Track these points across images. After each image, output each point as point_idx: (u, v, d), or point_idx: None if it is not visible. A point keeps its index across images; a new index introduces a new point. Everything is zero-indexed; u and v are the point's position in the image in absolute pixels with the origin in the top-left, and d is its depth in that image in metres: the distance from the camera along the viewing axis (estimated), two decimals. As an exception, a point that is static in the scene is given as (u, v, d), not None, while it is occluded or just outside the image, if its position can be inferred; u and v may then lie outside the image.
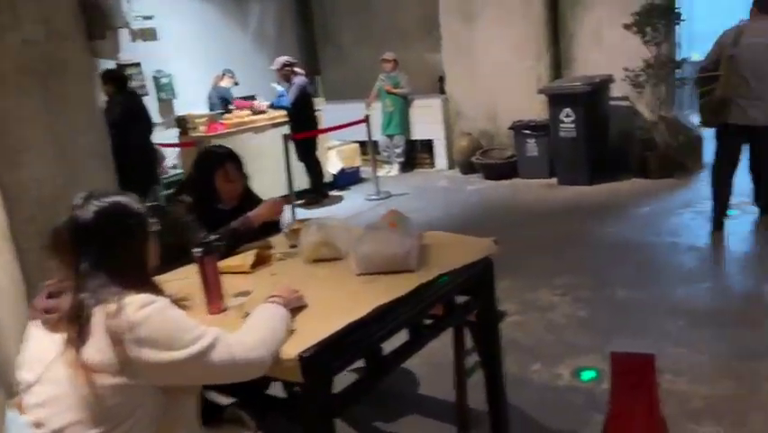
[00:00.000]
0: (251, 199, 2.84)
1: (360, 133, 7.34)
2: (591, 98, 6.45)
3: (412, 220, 2.32)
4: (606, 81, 6.68)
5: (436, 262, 2.18)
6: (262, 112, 7.45)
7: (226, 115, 7.35)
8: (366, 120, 7.20)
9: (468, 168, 7.82)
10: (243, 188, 2.84)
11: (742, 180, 5.31)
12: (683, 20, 6.41)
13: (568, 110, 6.52)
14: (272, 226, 2.77)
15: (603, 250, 4.78)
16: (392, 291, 1.94)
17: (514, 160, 7.36)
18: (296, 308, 1.84)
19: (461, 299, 2.36)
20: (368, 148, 7.49)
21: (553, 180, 6.94)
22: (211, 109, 7.81)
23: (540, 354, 3.29)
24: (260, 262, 2.36)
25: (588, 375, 3.01)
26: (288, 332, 1.70)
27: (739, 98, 4.42)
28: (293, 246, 2.49)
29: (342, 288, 2.08)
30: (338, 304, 1.93)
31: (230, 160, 2.78)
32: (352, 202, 7.33)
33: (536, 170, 7.13)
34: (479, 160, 7.63)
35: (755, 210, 5.04)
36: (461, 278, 2.19)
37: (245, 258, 2.34)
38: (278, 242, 2.61)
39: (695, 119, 7.88)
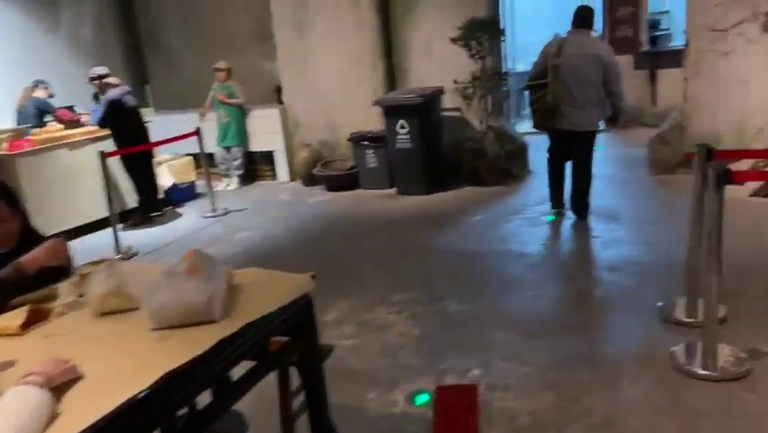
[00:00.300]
0: (31, 240, 2.41)
1: (195, 145, 6.88)
2: (424, 110, 6.57)
3: (217, 260, 2.08)
4: (437, 93, 6.85)
5: (245, 308, 1.96)
6: (76, 122, 6.73)
7: (34, 131, 6.54)
8: (197, 132, 6.77)
9: (310, 180, 7.66)
10: (21, 227, 2.42)
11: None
12: (505, 35, 6.74)
13: (402, 121, 6.59)
14: (60, 272, 2.37)
15: (439, 262, 4.84)
16: (189, 350, 1.69)
17: (355, 171, 7.31)
18: (68, 381, 1.54)
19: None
20: (201, 161, 7.04)
21: (393, 191, 6.99)
22: (24, 123, 6.93)
23: (376, 381, 3.19)
24: (36, 319, 1.99)
25: (421, 400, 2.95)
26: (46, 420, 1.39)
27: (565, 106, 4.91)
28: (81, 296, 2.14)
29: (132, 348, 1.79)
30: (122, 371, 1.64)
31: (-5, 195, 2.34)
32: (186, 220, 6.86)
33: (377, 181, 7.14)
34: (320, 171, 7.50)
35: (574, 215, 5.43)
36: (275, 322, 2.00)
37: (15, 316, 1.96)
38: (65, 290, 2.24)
39: (521, 128, 8.42)
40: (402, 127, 6.63)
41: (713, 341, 2.94)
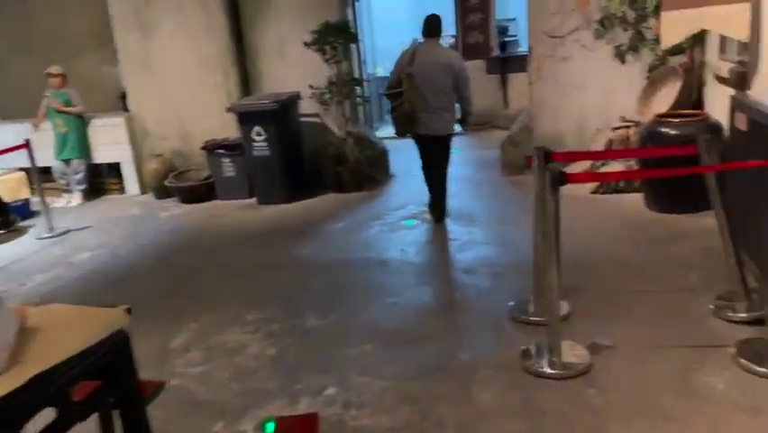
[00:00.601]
0: None
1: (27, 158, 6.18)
2: (281, 116, 6.36)
3: (5, 297, 1.77)
4: (294, 98, 6.67)
5: (40, 355, 1.68)
6: None
7: None
8: (27, 145, 6.08)
9: (163, 192, 7.17)
10: None
11: (420, 191, 5.75)
12: (359, 39, 6.71)
13: (258, 128, 6.34)
14: None
15: (299, 274, 4.66)
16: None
17: (211, 181, 6.94)
18: None
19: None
20: (32, 176, 6.35)
21: (253, 201, 6.71)
22: None
23: (224, 410, 2.95)
24: None
25: (270, 428, 2.76)
26: None
27: (421, 112, 5.05)
28: None
29: None
30: None
31: None
32: (18, 243, 6.14)
33: (235, 190, 6.82)
34: (173, 183, 7.04)
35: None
36: (78, 365, 1.73)
37: None
38: None
39: (384, 132, 8.46)
40: (258, 134, 6.38)
41: (556, 339, 3.01)
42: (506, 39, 9.25)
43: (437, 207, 5.46)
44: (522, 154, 6.51)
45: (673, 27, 4.21)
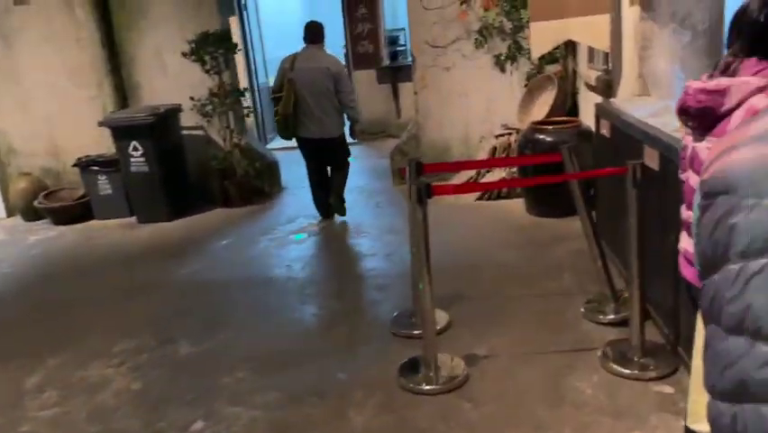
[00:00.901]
0: None
1: None
2: (159, 129, 6.04)
3: None
4: (173, 111, 6.35)
5: None
6: None
7: None
8: None
9: (32, 214, 6.61)
10: None
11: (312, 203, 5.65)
12: (250, 49, 6.50)
13: (135, 143, 5.98)
14: None
15: (176, 297, 4.40)
16: None
17: (86, 200, 6.48)
18: None
19: None
20: None
21: (133, 219, 6.32)
22: None
23: (76, 458, 2.69)
24: None
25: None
26: None
27: (303, 116, 5.21)
28: None
29: None
30: None
31: None
32: None
33: (113, 209, 6.40)
34: (43, 203, 6.51)
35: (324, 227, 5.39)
36: None
37: None
38: None
39: (279, 143, 8.26)
40: (135, 149, 6.02)
41: (432, 353, 2.97)
42: (396, 49, 9.31)
43: (336, 206, 5.60)
44: (411, 163, 6.53)
45: (542, 37, 4.33)
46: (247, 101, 6.55)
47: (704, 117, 1.64)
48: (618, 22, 4.37)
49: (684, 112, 1.69)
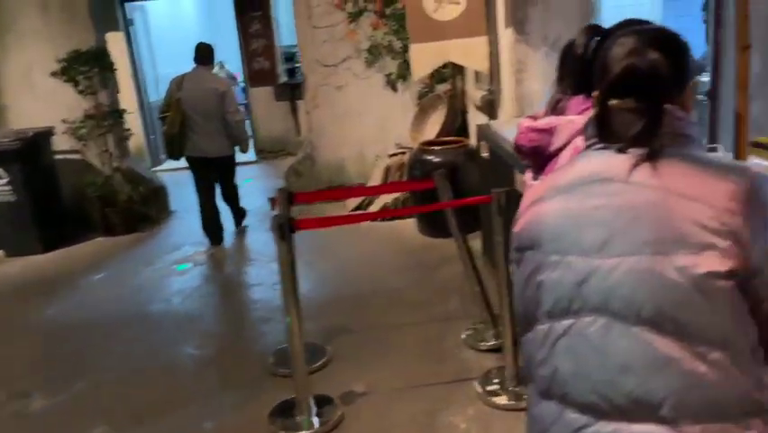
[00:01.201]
0: None
1: None
2: (27, 155, 5.56)
3: None
4: (44, 135, 5.86)
5: None
6: None
7: None
8: None
9: None
10: None
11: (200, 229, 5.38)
12: (116, 69, 6.15)
13: (0, 171, 5.49)
14: None
15: (35, 341, 4.01)
16: None
17: (-54, 233, 5.87)
18: None
19: None
20: None
21: (1, 253, 5.79)
22: None
23: None
24: None
25: None
26: None
27: (193, 134, 5.17)
28: None
29: None
30: None
31: None
32: None
33: (-22, 242, 5.83)
34: None
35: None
36: None
37: None
38: None
39: (171, 164, 7.87)
40: (0, 177, 5.52)
41: (303, 394, 2.81)
42: (294, 65, 9.13)
43: (236, 220, 5.64)
44: (307, 184, 6.38)
45: (422, 58, 4.31)
46: (127, 123, 6.16)
47: (537, 156, 1.59)
48: (496, 44, 4.42)
49: (518, 150, 1.64)
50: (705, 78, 3.04)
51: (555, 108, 1.58)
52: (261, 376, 3.34)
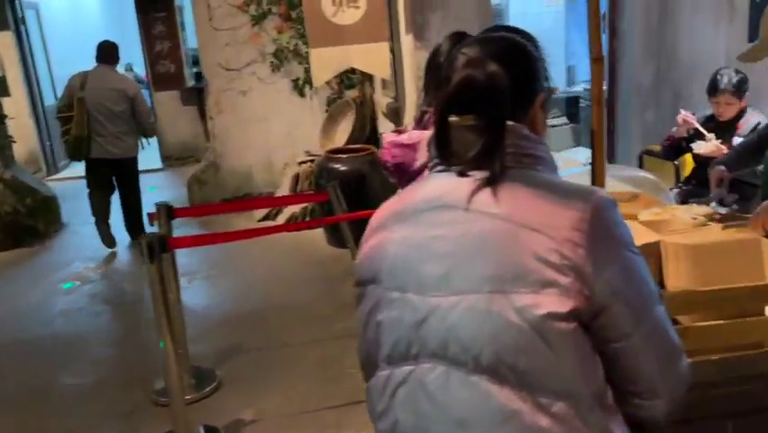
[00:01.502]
0: None
1: None
2: None
3: None
4: None
5: None
6: None
7: None
8: None
9: None
10: None
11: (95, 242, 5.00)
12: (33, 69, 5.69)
13: None
14: None
15: None
16: None
17: None
18: None
19: None
20: None
21: None
22: None
23: None
24: None
25: None
26: None
27: (98, 136, 5.01)
28: None
29: None
30: None
31: None
32: None
33: None
34: None
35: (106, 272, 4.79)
36: None
37: None
38: None
39: (75, 170, 7.35)
40: None
41: (182, 426, 2.57)
42: (200, 69, 8.77)
43: (132, 230, 5.32)
44: (212, 192, 6.10)
45: (323, 63, 4.15)
46: (8, 129, 5.68)
47: (402, 173, 1.46)
48: (399, 50, 4.32)
49: (384, 167, 1.51)
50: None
51: (421, 121, 1.46)
52: (144, 406, 3.07)
